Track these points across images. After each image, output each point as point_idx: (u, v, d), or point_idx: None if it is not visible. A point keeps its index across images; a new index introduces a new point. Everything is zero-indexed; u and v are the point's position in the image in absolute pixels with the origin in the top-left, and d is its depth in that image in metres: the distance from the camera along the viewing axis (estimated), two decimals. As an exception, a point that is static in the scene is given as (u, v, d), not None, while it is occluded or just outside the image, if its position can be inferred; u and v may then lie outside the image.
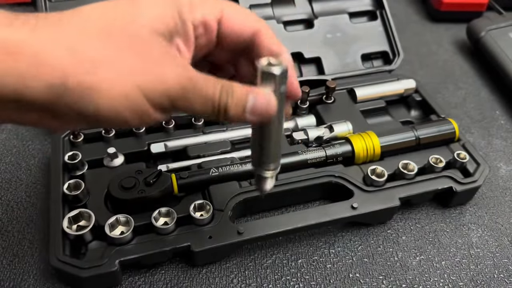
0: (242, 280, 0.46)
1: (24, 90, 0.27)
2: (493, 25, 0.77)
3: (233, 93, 0.31)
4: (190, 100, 0.31)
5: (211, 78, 0.32)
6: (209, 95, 0.31)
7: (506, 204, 0.56)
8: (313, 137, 0.56)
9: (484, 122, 0.68)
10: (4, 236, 0.49)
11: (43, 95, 0.27)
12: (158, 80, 0.29)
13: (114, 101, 0.28)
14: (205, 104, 0.31)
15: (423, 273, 0.48)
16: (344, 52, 0.68)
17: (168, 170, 0.51)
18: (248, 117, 0.32)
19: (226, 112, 0.32)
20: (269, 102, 0.32)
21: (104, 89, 0.28)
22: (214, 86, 0.31)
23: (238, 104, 0.32)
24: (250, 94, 0.32)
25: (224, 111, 0.32)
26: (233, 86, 0.32)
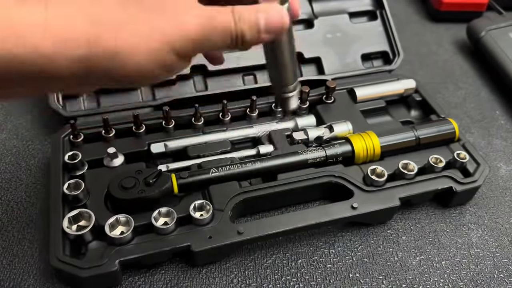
0: (242, 280, 0.46)
1: (52, 69, 0.28)
2: (493, 25, 0.77)
3: (247, 16, 0.32)
4: (212, 39, 0.32)
5: (221, 9, 0.32)
6: (227, 28, 0.32)
7: (506, 204, 0.56)
8: (313, 137, 0.56)
9: (484, 122, 0.68)
10: (4, 236, 0.49)
11: (71, 69, 0.28)
12: (180, 29, 0.30)
13: (142, 60, 0.30)
14: (224, 38, 0.32)
15: (423, 273, 0.48)
16: (344, 52, 0.68)
17: (168, 170, 0.51)
18: (264, 36, 0.33)
19: (243, 37, 0.32)
20: (282, 14, 0.33)
21: (130, 51, 0.29)
22: (229, 16, 0.32)
23: (254, 24, 0.32)
24: (261, 12, 0.32)
25: (242, 37, 0.32)
26: (241, 10, 0.32)
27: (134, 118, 0.54)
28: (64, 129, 0.54)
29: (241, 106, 0.59)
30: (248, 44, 0.33)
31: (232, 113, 0.58)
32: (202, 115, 0.57)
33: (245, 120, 0.59)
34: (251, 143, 0.58)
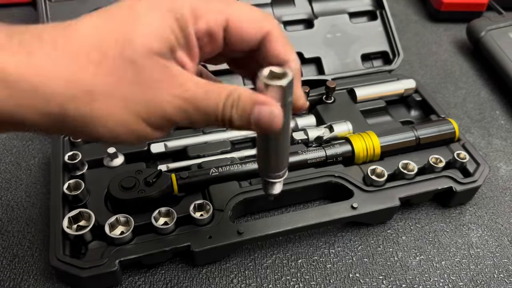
0: (242, 280, 0.46)
1: (22, 118, 0.27)
2: (493, 25, 0.77)
3: (239, 104, 0.31)
4: (191, 118, 0.30)
5: (215, 90, 0.31)
6: (211, 111, 0.30)
7: (506, 204, 0.56)
8: (313, 137, 0.56)
9: (484, 122, 0.68)
10: (4, 236, 0.49)
11: (41, 122, 0.28)
12: (155, 106, 0.29)
13: (114, 128, 0.29)
14: (207, 119, 0.31)
15: (423, 273, 0.48)
16: (344, 52, 0.68)
17: (168, 170, 0.51)
18: (254, 128, 0.31)
19: (231, 122, 0.31)
20: (274, 116, 0.30)
21: (102, 118, 0.29)
22: (218, 99, 0.30)
23: (243, 116, 0.31)
24: (256, 106, 0.30)
25: (229, 122, 0.31)
26: (240, 96, 0.31)
27: (134, 118, 0.54)
28: (64, 129, 0.54)
29: (241, 106, 0.59)
30: (235, 127, 0.31)
31: (232, 113, 0.58)
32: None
33: (245, 120, 0.59)
34: (251, 143, 0.58)
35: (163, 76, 0.30)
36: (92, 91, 0.28)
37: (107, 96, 0.28)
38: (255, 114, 0.30)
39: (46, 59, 0.27)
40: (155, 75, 0.29)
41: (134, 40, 0.28)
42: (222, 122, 0.31)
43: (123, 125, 0.29)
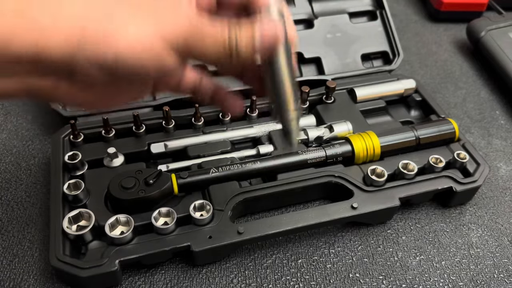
0: (242, 280, 0.46)
1: (44, 46, 0.27)
2: (493, 25, 0.77)
3: (241, 27, 0.32)
4: (202, 39, 0.32)
5: (218, 19, 0.33)
6: (219, 32, 0.32)
7: (506, 204, 0.56)
8: (313, 137, 0.56)
9: (484, 122, 0.68)
10: (4, 236, 0.49)
11: (62, 50, 0.28)
12: (173, 22, 0.31)
13: (133, 45, 0.29)
14: (216, 43, 0.32)
15: (423, 273, 0.48)
16: (344, 52, 0.68)
17: (168, 170, 0.51)
18: (259, 47, 0.33)
19: (237, 47, 0.32)
20: (276, 26, 0.33)
21: (122, 35, 0.29)
22: (222, 24, 0.32)
23: (248, 36, 0.32)
24: (255, 24, 0.32)
25: (236, 47, 0.32)
26: (239, 22, 0.33)
27: (134, 118, 0.54)
28: (64, 129, 0.54)
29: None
30: (243, 56, 0.33)
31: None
32: (202, 115, 0.57)
33: (245, 120, 0.59)
34: (251, 143, 0.58)
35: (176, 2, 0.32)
36: (110, 8, 0.29)
37: (126, 12, 0.30)
38: (258, 31, 0.32)
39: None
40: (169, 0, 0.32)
41: None
42: (229, 48, 0.32)
43: (143, 41, 0.30)
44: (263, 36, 0.33)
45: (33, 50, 0.27)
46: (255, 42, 0.33)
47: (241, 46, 0.32)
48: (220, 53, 0.32)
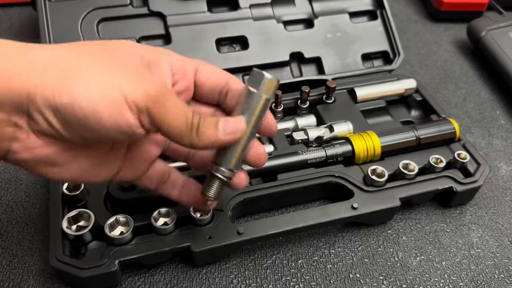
0: (242, 281, 0.46)
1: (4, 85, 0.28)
2: (493, 25, 0.77)
3: (205, 118, 0.33)
4: (165, 108, 0.31)
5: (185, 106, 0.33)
6: (183, 110, 0.32)
7: (506, 204, 0.56)
8: (313, 137, 0.56)
9: (484, 122, 0.68)
10: (4, 236, 0.49)
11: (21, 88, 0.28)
12: (137, 82, 0.30)
13: (89, 91, 0.29)
14: (178, 117, 0.32)
15: (424, 273, 0.48)
16: (344, 52, 0.68)
17: (168, 170, 0.51)
18: (221, 136, 0.34)
19: (198, 129, 0.33)
20: (239, 122, 0.35)
21: (81, 79, 0.29)
22: (188, 108, 0.33)
23: (210, 124, 0.34)
24: (220, 119, 0.34)
25: (197, 129, 0.33)
26: (203, 113, 0.34)
27: (134, 118, 0.54)
28: (63, 129, 0.54)
29: (241, 106, 0.59)
30: (203, 140, 0.33)
31: (232, 113, 0.58)
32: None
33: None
34: (251, 143, 0.58)
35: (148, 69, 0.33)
36: (77, 61, 0.30)
37: (91, 65, 0.30)
38: (221, 123, 0.34)
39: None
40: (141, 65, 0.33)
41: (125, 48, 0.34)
42: (191, 127, 0.32)
43: (100, 91, 0.29)
44: (226, 128, 0.34)
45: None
46: (218, 130, 0.34)
47: (203, 128, 0.33)
48: (180, 127, 0.32)
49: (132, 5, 0.62)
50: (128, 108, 0.30)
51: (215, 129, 0.34)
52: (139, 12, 0.62)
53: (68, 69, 0.29)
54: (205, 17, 0.64)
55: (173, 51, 0.37)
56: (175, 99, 0.32)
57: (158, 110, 0.31)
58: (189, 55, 0.63)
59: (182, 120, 0.32)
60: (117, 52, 0.32)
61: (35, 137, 0.30)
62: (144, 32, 0.62)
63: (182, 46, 0.61)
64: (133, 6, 0.62)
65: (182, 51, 0.60)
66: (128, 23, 0.62)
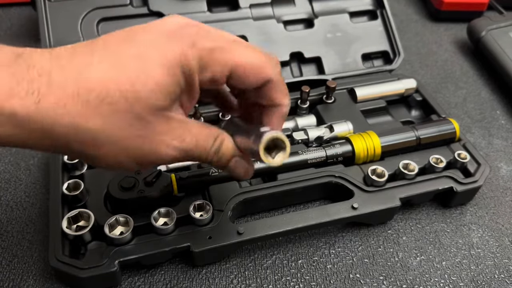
0: (242, 281, 0.46)
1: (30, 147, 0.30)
2: (493, 24, 0.77)
3: (220, 151, 0.36)
4: (181, 161, 0.35)
5: (204, 138, 0.35)
6: (199, 157, 0.35)
7: (506, 204, 0.56)
8: (313, 137, 0.56)
9: (485, 122, 0.68)
10: (4, 237, 0.49)
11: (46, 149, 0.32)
12: (153, 154, 0.33)
13: (111, 165, 0.33)
14: (194, 161, 0.37)
15: (424, 274, 0.48)
16: (344, 51, 0.68)
17: (168, 170, 0.51)
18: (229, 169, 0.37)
19: (212, 163, 0.36)
20: (247, 172, 0.38)
21: (102, 159, 0.32)
22: (206, 146, 0.35)
23: (222, 160, 0.36)
24: (234, 158, 0.37)
25: (211, 163, 0.36)
26: (222, 145, 0.36)
27: (134, 118, 0.54)
28: (63, 129, 0.54)
29: (241, 106, 0.59)
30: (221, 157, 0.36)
31: (232, 113, 0.58)
32: (202, 115, 0.57)
33: (245, 120, 0.59)
34: (251, 143, 0.58)
35: (165, 128, 0.32)
36: (97, 139, 0.30)
37: (111, 144, 0.31)
38: (232, 162, 0.37)
39: (55, 105, 0.29)
40: (158, 128, 0.32)
41: (143, 97, 0.30)
42: (208, 163, 0.36)
43: (119, 164, 0.33)
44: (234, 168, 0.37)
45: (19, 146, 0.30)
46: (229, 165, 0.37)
47: (214, 163, 0.36)
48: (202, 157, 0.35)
49: (132, 5, 0.62)
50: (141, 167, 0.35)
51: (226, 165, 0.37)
52: (139, 12, 0.62)
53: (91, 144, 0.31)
54: (205, 17, 0.64)
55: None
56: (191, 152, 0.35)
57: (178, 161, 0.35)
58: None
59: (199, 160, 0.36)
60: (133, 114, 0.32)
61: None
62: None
63: (182, 46, 0.61)
64: (133, 6, 0.62)
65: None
66: (128, 23, 0.62)
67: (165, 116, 0.32)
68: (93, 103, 0.29)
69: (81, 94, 0.29)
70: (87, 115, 0.29)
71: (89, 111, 0.29)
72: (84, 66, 0.30)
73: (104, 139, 0.30)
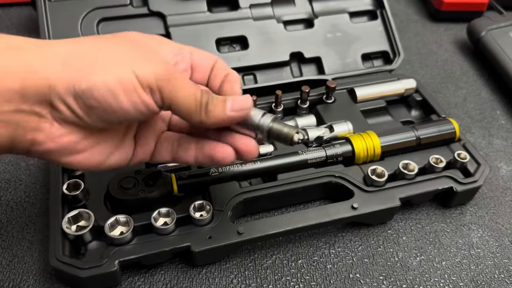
0: (242, 281, 0.46)
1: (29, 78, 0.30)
2: (493, 24, 0.77)
3: (213, 96, 0.35)
4: (175, 86, 0.33)
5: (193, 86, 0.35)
6: (192, 89, 0.34)
7: (506, 204, 0.56)
8: (313, 137, 0.56)
9: (485, 122, 0.68)
10: (4, 236, 0.49)
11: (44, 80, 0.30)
12: (147, 64, 0.33)
13: (105, 75, 0.31)
14: (188, 96, 0.34)
15: (424, 274, 0.48)
16: (344, 51, 0.68)
17: (168, 170, 0.51)
18: (229, 113, 0.35)
19: (207, 107, 0.34)
20: (246, 99, 0.36)
21: (96, 67, 0.31)
22: (196, 86, 0.35)
23: (219, 102, 0.35)
24: (227, 97, 0.36)
25: (206, 107, 0.34)
26: (211, 93, 0.36)
27: (134, 118, 0.54)
28: (63, 129, 0.54)
29: (241, 106, 0.59)
30: (212, 118, 0.35)
31: (232, 113, 0.58)
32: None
33: (245, 120, 0.59)
34: (251, 143, 0.58)
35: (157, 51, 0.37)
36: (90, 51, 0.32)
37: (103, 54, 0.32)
38: (229, 101, 0.35)
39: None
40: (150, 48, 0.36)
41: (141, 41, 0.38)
42: (200, 105, 0.34)
43: (116, 75, 0.31)
44: (234, 104, 0.35)
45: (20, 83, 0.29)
46: (226, 108, 0.35)
47: (212, 106, 0.34)
48: (190, 105, 0.34)
49: (132, 5, 0.62)
50: (142, 88, 0.32)
51: (224, 107, 0.35)
52: (139, 12, 0.62)
53: (85, 59, 0.31)
54: (205, 17, 0.64)
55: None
56: (182, 78, 0.34)
57: (168, 88, 0.33)
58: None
59: (191, 98, 0.34)
60: (126, 41, 0.35)
61: (58, 126, 0.32)
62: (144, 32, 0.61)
63: (182, 46, 0.61)
64: (133, 6, 0.62)
65: (182, 51, 0.61)
66: (128, 23, 0.62)
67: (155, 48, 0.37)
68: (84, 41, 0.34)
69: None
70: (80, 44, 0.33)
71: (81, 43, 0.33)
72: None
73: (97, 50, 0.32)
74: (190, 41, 0.62)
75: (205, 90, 0.35)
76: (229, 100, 0.35)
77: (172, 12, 0.63)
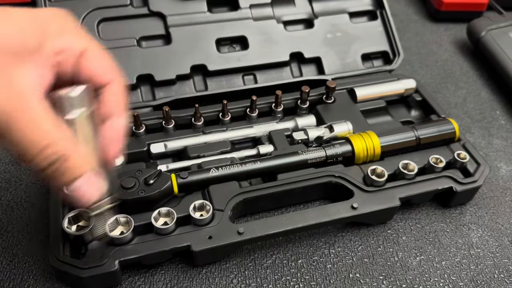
0: (242, 280, 0.46)
1: None
2: (493, 25, 0.77)
3: (66, 163, 0.30)
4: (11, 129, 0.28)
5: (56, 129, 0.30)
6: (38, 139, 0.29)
7: (506, 204, 0.56)
8: (313, 137, 0.56)
9: (484, 122, 0.68)
10: (4, 236, 0.49)
11: None
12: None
13: None
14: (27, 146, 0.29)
15: (423, 273, 0.48)
16: (344, 52, 0.68)
17: (168, 170, 0.51)
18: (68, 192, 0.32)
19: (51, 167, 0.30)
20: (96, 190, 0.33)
21: None
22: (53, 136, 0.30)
23: (67, 175, 0.31)
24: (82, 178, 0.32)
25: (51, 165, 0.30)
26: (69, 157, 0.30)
27: (134, 118, 0.54)
28: (64, 129, 0.54)
29: (241, 106, 0.59)
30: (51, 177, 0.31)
31: (232, 113, 0.58)
32: (202, 115, 0.57)
33: (245, 120, 0.59)
34: (251, 143, 0.58)
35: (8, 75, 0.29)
36: None
37: None
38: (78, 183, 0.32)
39: None
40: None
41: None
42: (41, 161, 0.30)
43: None
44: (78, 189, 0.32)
45: None
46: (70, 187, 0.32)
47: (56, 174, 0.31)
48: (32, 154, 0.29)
49: (132, 5, 0.62)
50: None
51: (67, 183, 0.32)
52: (139, 12, 0.62)
53: None
54: (205, 17, 0.64)
55: (173, 51, 0.34)
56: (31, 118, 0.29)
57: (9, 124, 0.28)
58: (189, 55, 0.63)
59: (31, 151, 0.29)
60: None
61: None
62: (144, 32, 0.62)
63: (182, 46, 0.61)
64: (133, 6, 0.62)
65: (182, 51, 0.61)
66: (128, 23, 0.62)
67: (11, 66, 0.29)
68: None
69: None
70: None
71: None
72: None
73: None
74: (190, 41, 0.62)
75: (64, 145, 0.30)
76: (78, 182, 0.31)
77: (172, 12, 0.63)
